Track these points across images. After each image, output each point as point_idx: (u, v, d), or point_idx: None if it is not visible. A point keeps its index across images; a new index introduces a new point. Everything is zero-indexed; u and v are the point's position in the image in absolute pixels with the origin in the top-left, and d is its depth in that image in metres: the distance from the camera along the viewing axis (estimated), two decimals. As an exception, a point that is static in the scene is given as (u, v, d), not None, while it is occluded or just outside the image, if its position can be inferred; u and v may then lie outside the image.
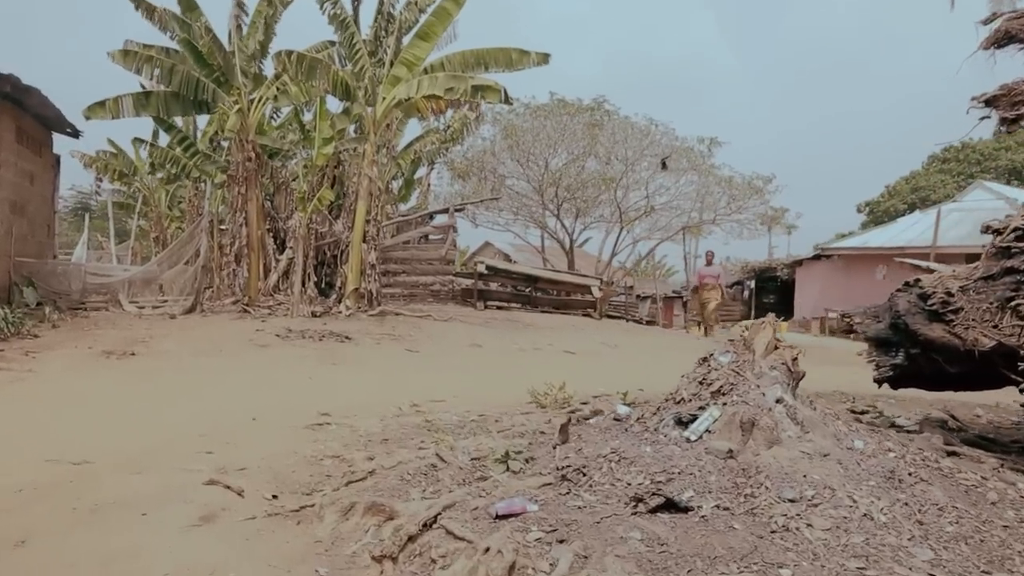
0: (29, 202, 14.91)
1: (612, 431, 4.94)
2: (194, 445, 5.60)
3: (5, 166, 13.42)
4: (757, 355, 4.99)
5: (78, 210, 43.26)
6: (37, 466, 4.94)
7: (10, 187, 13.74)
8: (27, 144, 14.60)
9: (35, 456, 5.15)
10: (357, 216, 14.71)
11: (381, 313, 14.42)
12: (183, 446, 5.57)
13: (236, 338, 11.44)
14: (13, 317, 11.39)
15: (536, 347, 12.42)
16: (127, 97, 14.92)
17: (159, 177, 24.41)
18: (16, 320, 11.36)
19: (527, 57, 14.41)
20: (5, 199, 13.52)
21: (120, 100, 14.85)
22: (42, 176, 15.79)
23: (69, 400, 7.18)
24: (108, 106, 14.76)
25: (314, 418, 6.64)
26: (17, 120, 13.90)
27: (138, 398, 7.39)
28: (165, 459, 5.22)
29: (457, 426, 6.33)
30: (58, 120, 15.05)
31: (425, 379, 9.12)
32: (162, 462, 5.14)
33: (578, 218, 26.71)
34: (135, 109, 15.00)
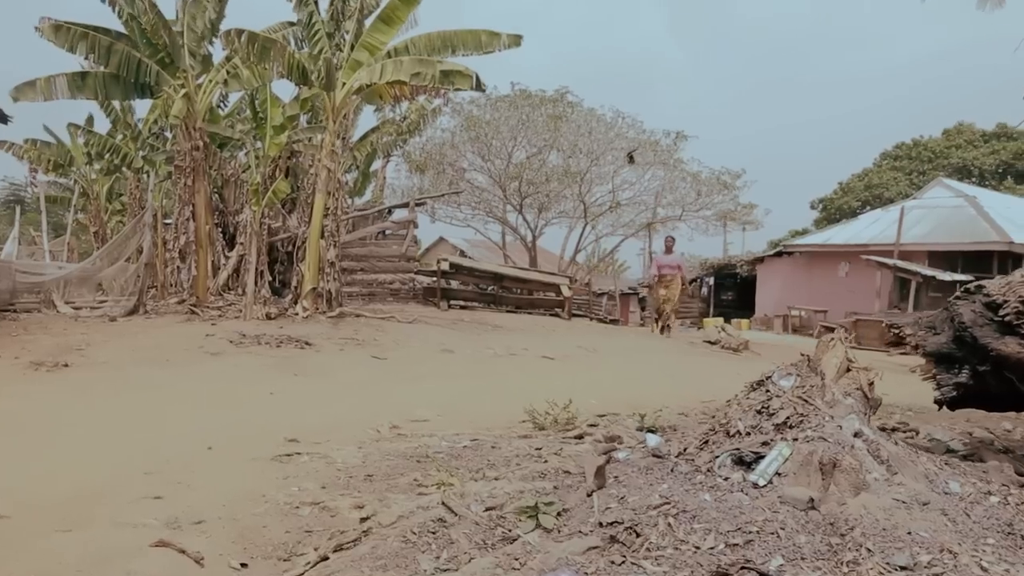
0: (-49, 194, 13.60)
1: (655, 472, 4.09)
2: (138, 487, 4.62)
3: (-77, 154, 12.13)
4: (828, 379, 4.18)
5: (10, 202, 41.18)
6: (-63, 524, 3.94)
7: (-71, 177, 12.44)
8: (-52, 130, 13.30)
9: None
10: (315, 210, 13.65)
11: (340, 315, 13.40)
12: (125, 488, 4.59)
13: (184, 344, 10.37)
14: (-71, 322, 10.17)
15: (511, 352, 11.54)
16: (60, 77, 13.61)
17: (98, 168, 22.94)
18: (-67, 325, 10.15)
19: (497, 39, 13.47)
20: (-77, 190, 12.23)
21: (53, 80, 13.54)
22: (-34, 165, 14.45)
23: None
24: (39, 87, 13.46)
25: (280, 445, 5.69)
26: (-64, 103, 12.61)
27: (70, 423, 6.34)
28: (102, 508, 4.24)
29: (450, 455, 5.45)
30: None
31: (399, 392, 8.20)
32: (98, 513, 4.16)
33: (541, 213, 25.89)
34: (70, 91, 13.70)
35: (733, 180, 25.61)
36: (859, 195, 40.51)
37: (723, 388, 9.11)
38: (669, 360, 12.25)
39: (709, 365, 12.08)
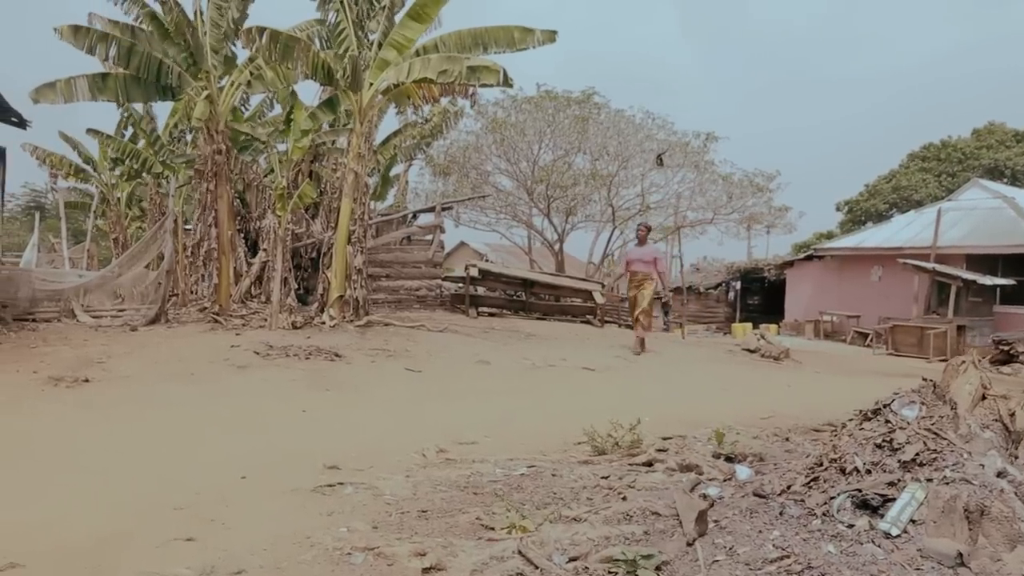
0: (-32, 200, 13.23)
1: (760, 515, 3.56)
2: (168, 526, 4.12)
3: (-61, 160, 11.75)
4: (961, 408, 3.64)
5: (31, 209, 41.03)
6: (-58, 575, 3.46)
7: (-55, 183, 12.06)
8: (-34, 135, 12.92)
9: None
10: (341, 215, 13.17)
11: (368, 323, 12.92)
12: (153, 528, 4.09)
13: (209, 356, 9.90)
14: (-55, 334, 9.76)
15: (549, 363, 11.03)
16: (81, 79, 13.19)
17: (118, 173, 22.60)
18: (-52, 337, 9.74)
19: (531, 35, 12.96)
20: (-61, 197, 11.85)
21: (73, 82, 13.13)
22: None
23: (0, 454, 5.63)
24: (59, 88, 13.04)
25: (320, 473, 5.18)
26: (-48, 107, 12.24)
27: (91, 447, 5.86)
28: (128, 554, 3.74)
29: (508, 485, 4.93)
30: (1, 107, 13.35)
31: (440, 409, 7.69)
32: (124, 560, 3.66)
33: (568, 217, 25.36)
34: (91, 92, 13.27)
35: (767, 182, 24.98)
36: (886, 197, 39.73)
37: (778, 402, 8.60)
38: (713, 371, 11.71)
39: (754, 375, 11.53)
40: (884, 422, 3.68)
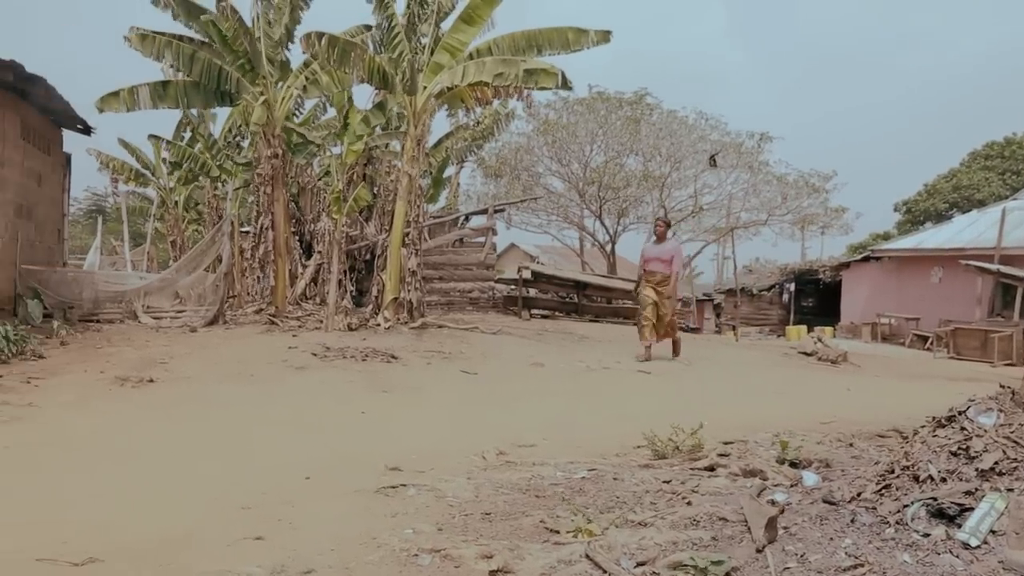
0: (37, 205, 13.61)
1: (831, 522, 3.50)
2: (237, 525, 4.18)
3: (9, 165, 12.12)
4: (1043, 415, 3.54)
5: (92, 213, 42.09)
6: (25, 569, 3.55)
7: (15, 188, 12.43)
8: (34, 141, 13.30)
9: (24, 548, 3.75)
10: (396, 218, 13.27)
11: (423, 325, 13.00)
12: (223, 527, 4.15)
13: (267, 358, 10.05)
14: (16, 335, 10.02)
15: (604, 365, 10.98)
16: (143, 87, 13.53)
17: (176, 177, 23.08)
18: (19, 338, 10.00)
19: (585, 36, 12.91)
20: (10, 201, 12.22)
21: (136, 91, 13.47)
22: (51, 176, 14.48)
23: (72, 451, 5.77)
24: (123, 97, 13.39)
25: (383, 475, 5.22)
26: (22, 114, 12.61)
27: (158, 446, 5.98)
28: (200, 551, 3.80)
29: (569, 488, 4.91)
30: (67, 114, 13.73)
31: (497, 412, 7.70)
32: (197, 557, 3.72)
33: (620, 219, 25.26)
34: (152, 100, 13.60)
35: (823, 182, 24.59)
36: (946, 197, 38.84)
37: (839, 406, 8.44)
38: (769, 374, 11.55)
39: (812, 379, 11.34)
40: (959, 429, 3.59)
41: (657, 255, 11.85)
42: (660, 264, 11.76)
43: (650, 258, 11.93)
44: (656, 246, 12.07)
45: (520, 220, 25.90)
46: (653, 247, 12.14)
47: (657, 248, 11.99)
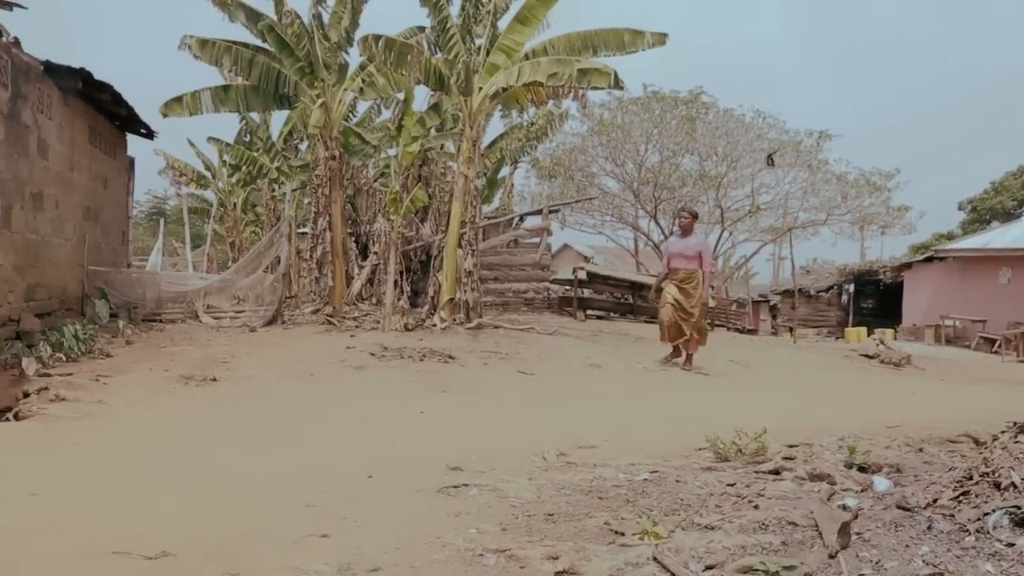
0: (103, 207, 13.95)
1: (906, 528, 3.41)
2: (302, 522, 4.22)
3: (78, 170, 12.43)
4: None
5: (153, 215, 43.10)
6: (101, 562, 3.62)
7: (83, 192, 12.76)
8: (100, 146, 13.63)
9: (99, 541, 3.83)
10: (452, 219, 13.33)
11: (479, 326, 13.03)
12: (288, 524, 4.19)
13: (326, 357, 10.16)
14: (84, 334, 10.30)
15: (661, 367, 10.89)
16: (205, 92, 13.80)
17: (235, 179, 23.50)
18: (88, 337, 10.28)
19: (641, 38, 12.82)
20: (78, 204, 12.54)
21: (198, 95, 13.74)
22: (116, 180, 14.83)
23: (142, 448, 5.89)
24: (185, 102, 13.67)
25: (444, 475, 5.23)
26: (90, 120, 12.93)
27: (224, 444, 6.08)
28: (267, 547, 3.84)
29: (631, 490, 4.87)
30: (132, 119, 14.05)
31: (555, 413, 7.68)
32: (264, 553, 3.77)
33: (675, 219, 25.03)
34: (213, 104, 13.87)
35: (884, 181, 24.06)
36: (1015, 194, 37.68)
37: (904, 410, 8.24)
38: (831, 377, 11.36)
39: (875, 382, 11.13)
40: (1042, 433, 3.48)
41: (681, 250, 10.88)
42: (684, 260, 10.79)
43: (674, 253, 10.98)
44: (680, 240, 11.11)
45: (574, 220, 25.88)
46: (677, 241, 11.25)
47: (682, 243, 11.02)
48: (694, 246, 10.88)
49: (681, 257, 10.79)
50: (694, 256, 10.71)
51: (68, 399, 7.42)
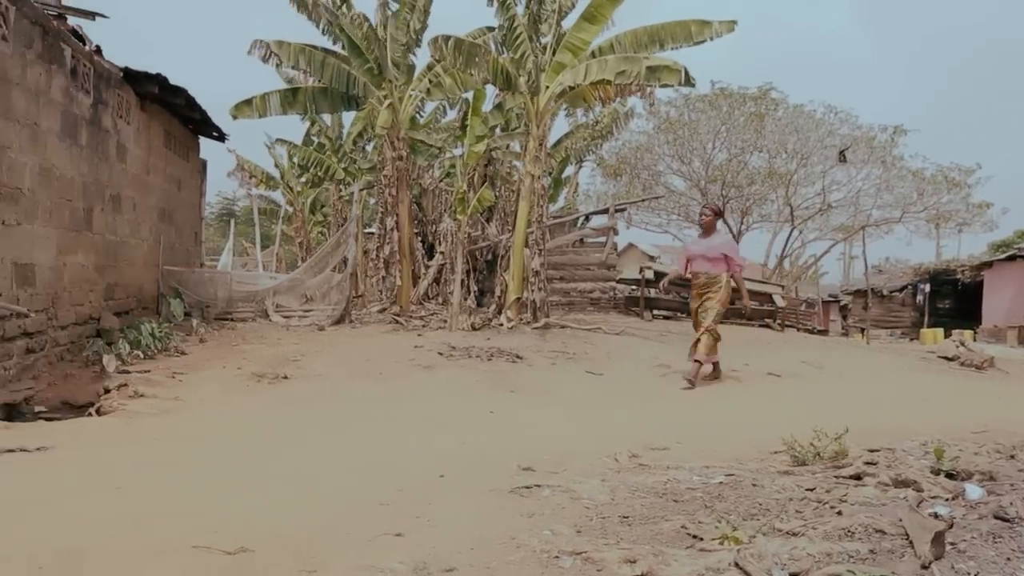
0: (177, 209, 14.28)
1: (1005, 540, 3.25)
2: (376, 521, 4.21)
3: (154, 172, 12.73)
4: None
5: (223, 216, 44.09)
6: (183, 556, 3.67)
7: (159, 194, 13.07)
8: (175, 148, 13.95)
9: (180, 535, 3.88)
10: (518, 218, 13.31)
11: (546, 325, 12.97)
12: (362, 522, 4.19)
13: (394, 357, 10.22)
14: (160, 332, 10.55)
15: (732, 368, 10.69)
16: (274, 94, 14.05)
17: (303, 180, 23.89)
18: (163, 335, 10.52)
19: (708, 28, 12.56)
20: (154, 206, 12.84)
21: (267, 98, 14.00)
22: (189, 182, 15.17)
23: (218, 445, 5.98)
24: (255, 104, 13.94)
25: (516, 475, 5.18)
26: (165, 124, 13.24)
27: (297, 441, 6.14)
28: (342, 547, 3.84)
29: (707, 493, 4.76)
30: (205, 122, 14.35)
31: (625, 413, 7.58)
32: (339, 553, 3.77)
33: (744, 218, 24.66)
34: (282, 107, 14.11)
35: (964, 176, 23.27)
36: (1099, 189, 36.12)
37: (991, 415, 7.92)
38: (908, 379, 11.00)
39: (956, 385, 10.74)
40: None
41: (702, 252, 9.52)
42: (707, 263, 9.45)
43: (694, 255, 9.62)
44: (702, 240, 9.71)
45: (640, 220, 25.69)
46: (698, 242, 9.86)
47: (703, 243, 9.63)
48: (718, 247, 9.52)
49: (703, 259, 9.50)
50: (718, 258, 9.41)
51: (146, 395, 7.60)
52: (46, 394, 7.76)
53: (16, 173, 7.85)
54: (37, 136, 8.32)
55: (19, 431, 6.26)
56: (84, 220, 9.76)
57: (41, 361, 8.38)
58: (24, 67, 8.00)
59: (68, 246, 9.23)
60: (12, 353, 7.78)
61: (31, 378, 7.97)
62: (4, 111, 7.58)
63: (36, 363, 8.25)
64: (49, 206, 8.65)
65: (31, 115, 8.17)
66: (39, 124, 8.36)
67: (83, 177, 9.66)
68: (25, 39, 8.03)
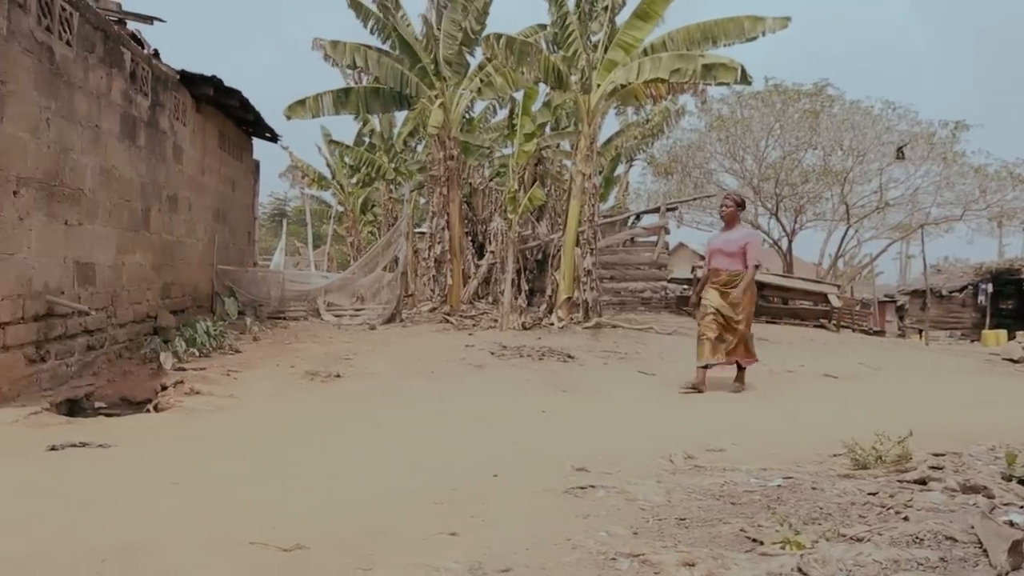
0: (231, 209, 14.48)
1: (1087, 548, 3.12)
2: (431, 519, 4.19)
3: (209, 173, 12.93)
4: None
5: (275, 216, 44.70)
6: (240, 551, 3.69)
7: (213, 194, 13.26)
8: (229, 150, 14.15)
9: (237, 531, 3.91)
10: (569, 217, 13.25)
11: (597, 325, 12.90)
12: (417, 520, 4.17)
13: (446, 356, 10.23)
14: (215, 330, 10.70)
15: (787, 368, 10.51)
16: (327, 95, 14.19)
17: (354, 181, 24.10)
18: (218, 334, 10.67)
19: (761, 24, 12.35)
20: (209, 206, 13.04)
21: (320, 98, 14.15)
22: (243, 182, 15.37)
23: (273, 442, 6.03)
24: (308, 104, 14.10)
25: (569, 475, 5.12)
26: (219, 125, 13.43)
27: (351, 439, 6.16)
28: (397, 545, 3.83)
29: (765, 496, 4.66)
30: (258, 123, 14.53)
31: (678, 414, 7.47)
32: (394, 550, 3.75)
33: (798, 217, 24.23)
34: (335, 107, 14.26)
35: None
36: None
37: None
38: (972, 382, 10.70)
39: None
40: None
41: (722, 246, 8.62)
42: (726, 259, 8.55)
43: (715, 250, 8.75)
44: (722, 234, 8.84)
45: (691, 219, 25.43)
46: (718, 236, 8.96)
47: (723, 237, 8.73)
48: (738, 240, 8.56)
49: (722, 254, 8.59)
50: (738, 253, 8.50)
51: (202, 392, 7.70)
52: (105, 390, 7.91)
53: (78, 174, 8.01)
54: (98, 138, 8.49)
55: (80, 426, 6.38)
56: (142, 220, 9.94)
57: (101, 358, 8.55)
58: (86, 70, 8.17)
59: (127, 245, 9.41)
60: (74, 350, 7.95)
61: (91, 374, 8.14)
62: (67, 113, 7.74)
63: (96, 360, 8.42)
64: (109, 206, 8.82)
65: (92, 117, 8.33)
66: (100, 126, 8.53)
67: (141, 178, 9.83)
68: (87, 43, 8.19)
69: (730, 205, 8.77)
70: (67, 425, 6.30)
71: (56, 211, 7.55)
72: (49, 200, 7.39)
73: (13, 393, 6.69)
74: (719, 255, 8.62)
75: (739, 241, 8.54)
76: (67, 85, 7.73)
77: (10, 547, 3.53)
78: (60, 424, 6.33)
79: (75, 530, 3.83)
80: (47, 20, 7.29)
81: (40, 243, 7.22)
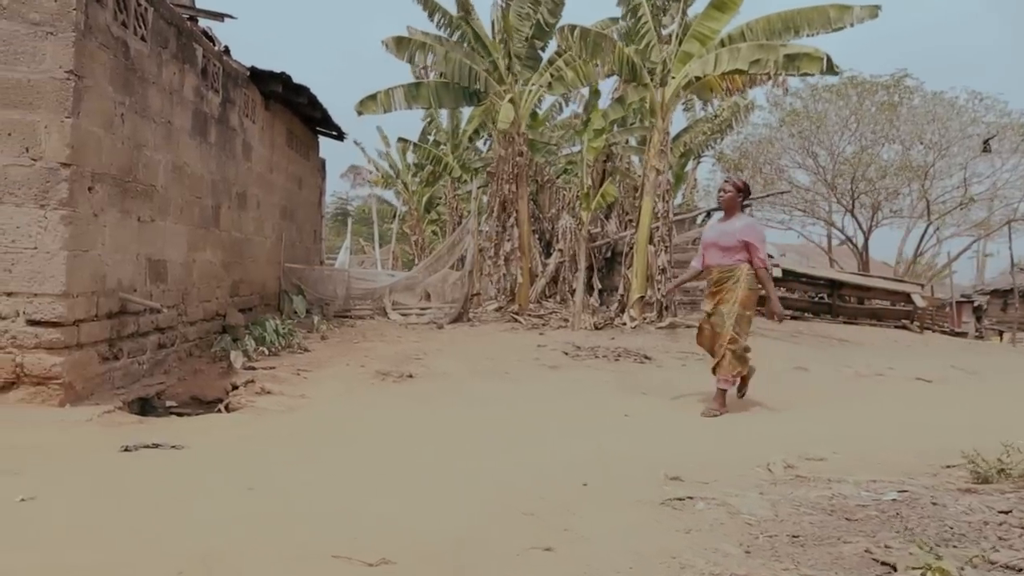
0: (298, 207, 14.43)
1: None
2: (522, 532, 3.90)
3: (277, 171, 12.87)
4: None
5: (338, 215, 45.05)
6: (322, 565, 3.44)
7: (281, 192, 13.21)
8: (296, 147, 14.10)
9: (316, 542, 3.67)
10: (642, 214, 12.88)
11: (671, 325, 12.51)
12: (507, 533, 3.88)
13: (517, 356, 9.97)
14: (284, 329, 10.60)
15: (876, 372, 10.01)
16: (398, 89, 14.07)
17: (418, 179, 24.02)
18: (286, 332, 10.56)
19: (848, 13, 11.75)
20: (276, 204, 12.98)
21: (391, 92, 14.04)
22: (309, 180, 15.33)
23: (347, 444, 5.80)
24: (380, 99, 14.00)
25: (663, 485, 4.79)
26: (287, 122, 13.38)
27: (428, 442, 5.90)
28: (489, 560, 3.53)
29: (882, 512, 4.26)
30: (325, 121, 14.46)
31: (768, 419, 7.10)
32: (487, 567, 3.44)
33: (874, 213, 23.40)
34: (406, 101, 14.14)
35: None
36: None
37: None
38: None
39: None
40: None
41: (716, 238, 7.17)
42: (719, 252, 7.07)
43: (708, 243, 7.26)
44: (718, 224, 7.49)
45: (762, 216, 24.69)
46: (715, 226, 7.62)
47: (719, 228, 7.31)
48: (736, 232, 7.02)
49: (716, 248, 7.11)
50: (734, 246, 6.98)
51: (273, 392, 7.55)
52: (176, 389, 7.81)
53: (151, 170, 7.92)
54: (170, 134, 8.41)
55: (152, 425, 6.26)
56: (212, 217, 9.86)
57: (172, 356, 8.47)
58: (160, 66, 8.08)
59: (197, 243, 9.33)
60: (145, 348, 7.86)
61: (163, 373, 8.05)
62: (141, 109, 7.66)
63: (167, 358, 8.33)
64: (180, 203, 8.74)
65: (165, 113, 8.25)
66: (172, 122, 8.45)
67: (211, 175, 9.76)
68: (161, 39, 8.11)
69: (729, 190, 7.21)
70: (139, 424, 6.18)
71: (129, 207, 7.46)
72: (123, 196, 7.30)
73: (87, 391, 6.60)
74: (713, 248, 7.16)
75: (737, 233, 7.02)
76: (141, 81, 7.64)
77: (87, 558, 3.35)
78: (132, 423, 6.21)
79: (150, 538, 3.64)
80: (123, 15, 7.20)
81: (113, 240, 7.13)
